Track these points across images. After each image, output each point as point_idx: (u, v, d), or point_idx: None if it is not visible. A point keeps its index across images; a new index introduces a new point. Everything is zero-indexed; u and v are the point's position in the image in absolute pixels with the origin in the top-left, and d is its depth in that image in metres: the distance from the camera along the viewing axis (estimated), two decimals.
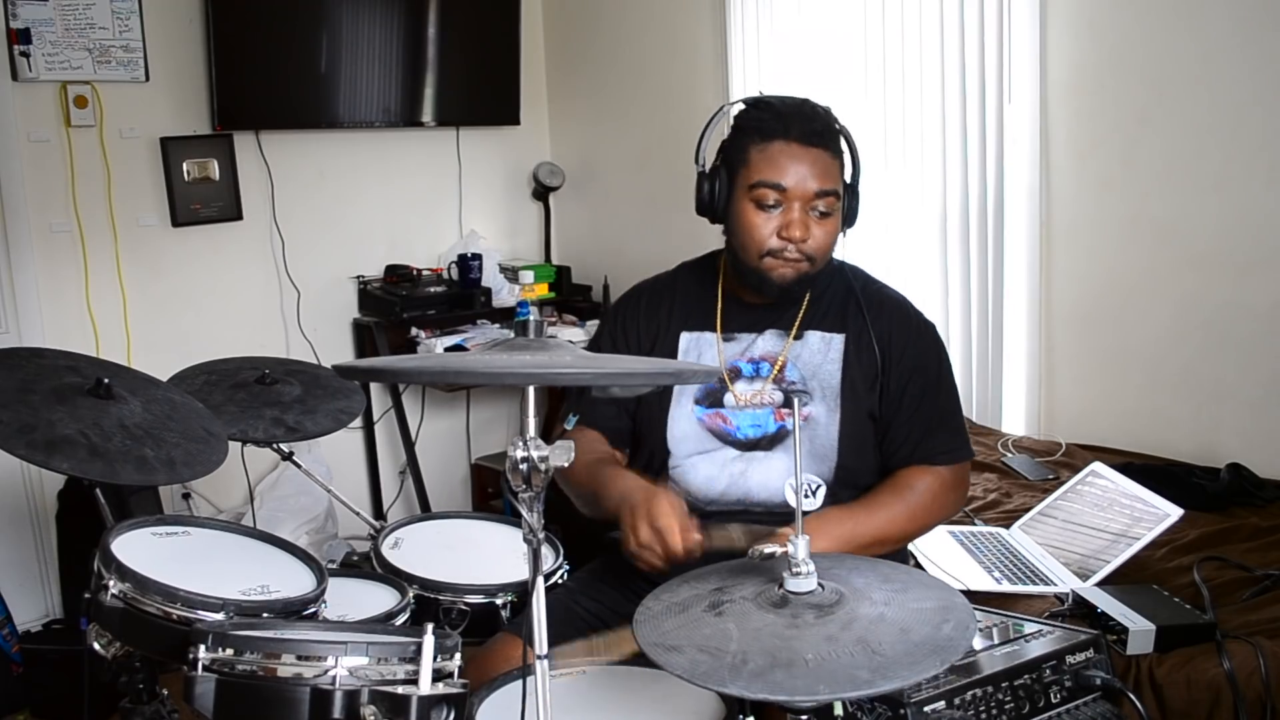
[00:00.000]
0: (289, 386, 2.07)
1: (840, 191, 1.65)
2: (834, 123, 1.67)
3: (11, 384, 1.58)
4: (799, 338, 1.72)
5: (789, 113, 1.63)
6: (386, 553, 1.89)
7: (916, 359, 1.71)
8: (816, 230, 1.64)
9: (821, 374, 1.70)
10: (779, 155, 1.62)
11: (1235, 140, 2.41)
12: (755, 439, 1.70)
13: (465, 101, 3.87)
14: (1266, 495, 2.27)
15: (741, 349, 1.73)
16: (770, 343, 1.73)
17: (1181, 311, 2.55)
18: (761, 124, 1.64)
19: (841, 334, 1.72)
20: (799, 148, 1.61)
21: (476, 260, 3.74)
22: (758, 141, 1.64)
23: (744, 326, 1.74)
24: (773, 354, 1.72)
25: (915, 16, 2.93)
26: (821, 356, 1.71)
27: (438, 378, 1.10)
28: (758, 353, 1.73)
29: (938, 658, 1.07)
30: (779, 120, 1.63)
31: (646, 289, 1.86)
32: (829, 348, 1.71)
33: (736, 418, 1.71)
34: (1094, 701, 1.42)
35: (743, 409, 1.70)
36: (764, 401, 1.70)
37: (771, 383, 1.71)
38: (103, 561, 1.45)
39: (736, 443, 1.70)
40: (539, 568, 1.11)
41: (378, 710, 1.19)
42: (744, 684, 1.05)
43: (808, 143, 1.62)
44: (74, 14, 3.07)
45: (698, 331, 1.76)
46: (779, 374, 1.71)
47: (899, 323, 1.73)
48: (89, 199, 3.19)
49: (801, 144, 1.62)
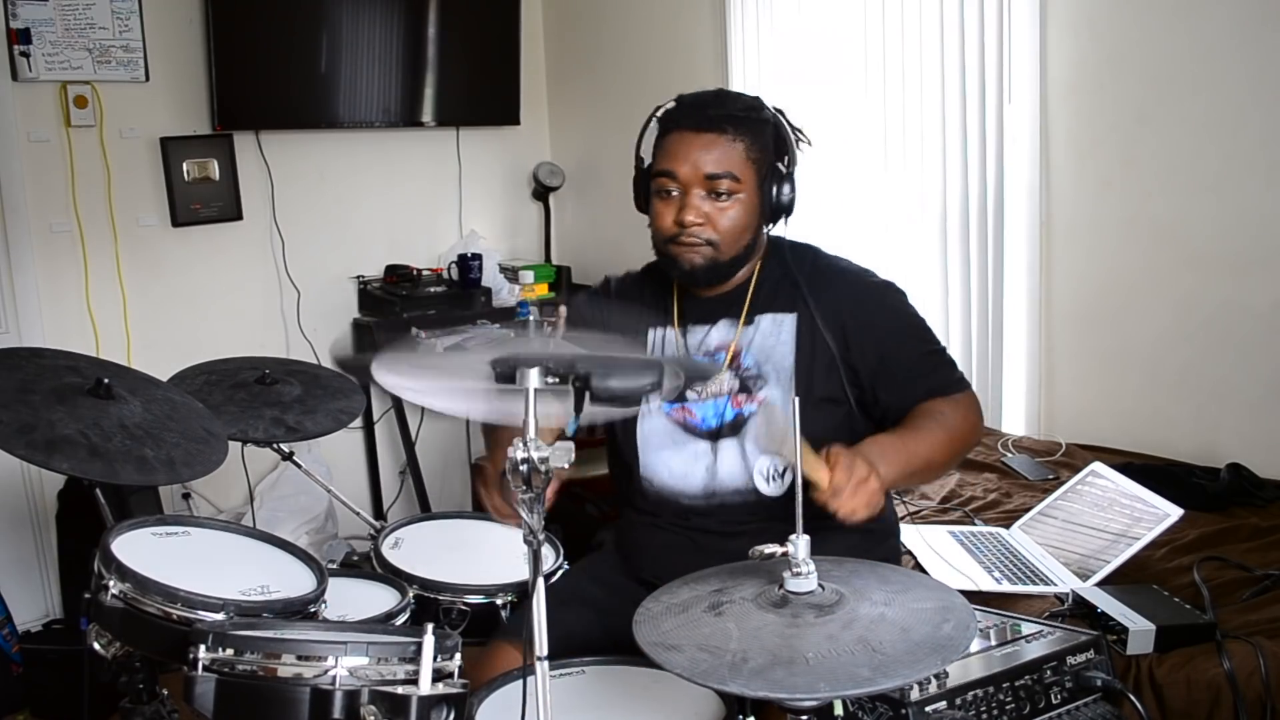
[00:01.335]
0: (289, 386, 2.07)
1: (740, 174, 1.64)
2: (747, 110, 1.67)
3: (11, 384, 1.59)
4: (749, 323, 1.72)
5: (689, 103, 1.68)
6: (386, 553, 1.89)
7: (882, 322, 1.69)
8: (717, 214, 1.65)
9: (775, 356, 1.69)
10: (673, 144, 1.66)
11: (1235, 140, 2.41)
12: (717, 428, 1.70)
13: (465, 101, 3.87)
14: (1266, 495, 2.26)
15: (697, 341, 1.75)
16: (724, 332, 1.73)
17: (1181, 311, 2.55)
18: (666, 118, 1.69)
19: (792, 314, 1.70)
20: (691, 134, 1.64)
21: (476, 260, 3.74)
22: (660, 135, 1.69)
23: (699, 319, 1.76)
24: (727, 342, 1.72)
25: (915, 16, 2.93)
26: (774, 339, 1.70)
27: None
28: (713, 344, 1.73)
29: (938, 656, 1.07)
30: (679, 112, 1.68)
31: (615, 285, 1.88)
32: (780, 329, 1.70)
33: (700, 409, 1.71)
34: (1094, 702, 1.42)
35: (704, 400, 1.71)
36: (720, 391, 1.70)
37: (728, 370, 1.71)
38: (103, 561, 1.46)
39: (701, 434, 1.71)
40: (539, 568, 1.12)
41: (378, 710, 1.19)
42: (744, 682, 1.05)
43: (700, 128, 1.64)
44: (74, 14, 3.07)
45: (661, 328, 1.78)
46: (734, 361, 1.71)
47: (851, 294, 1.71)
48: (89, 199, 3.19)
49: (694, 130, 1.64)
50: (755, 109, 1.68)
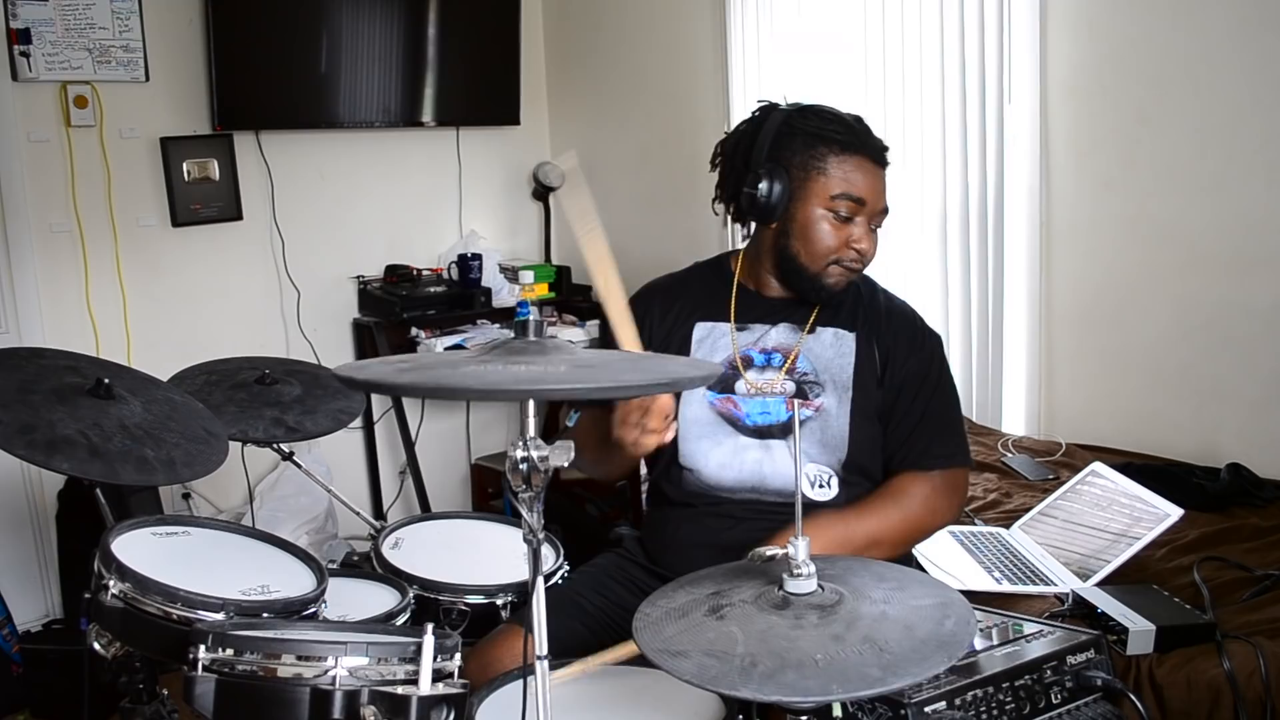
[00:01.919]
0: (289, 386, 2.07)
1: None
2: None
3: (11, 384, 1.58)
4: (812, 332, 1.76)
5: (860, 129, 1.71)
6: (386, 553, 1.89)
7: (917, 366, 1.75)
8: (873, 246, 1.72)
9: (834, 367, 1.74)
10: (859, 170, 1.69)
11: (1235, 140, 2.41)
12: (765, 426, 1.73)
13: (465, 101, 3.87)
14: (1266, 495, 2.26)
15: (754, 338, 1.77)
16: (784, 335, 1.77)
17: (1181, 311, 2.55)
18: (838, 138, 1.69)
19: (854, 332, 1.76)
20: (872, 165, 1.70)
21: (476, 260, 3.74)
22: (839, 153, 1.68)
23: (757, 318, 1.79)
24: (786, 346, 1.76)
25: (915, 17, 2.93)
26: (834, 351, 1.75)
27: (431, 394, 1.09)
28: (770, 344, 1.77)
29: (945, 653, 1.07)
30: (854, 135, 1.69)
31: (661, 286, 1.89)
32: (841, 343, 1.75)
33: (746, 404, 1.74)
34: (1094, 702, 1.41)
35: (753, 396, 1.74)
36: (775, 390, 1.73)
37: (784, 373, 1.74)
38: (103, 561, 1.45)
39: (745, 429, 1.73)
40: (539, 568, 1.11)
41: (378, 710, 1.19)
42: (757, 687, 1.04)
43: (879, 162, 1.71)
44: (74, 14, 3.07)
45: (712, 322, 1.80)
46: (792, 365, 1.74)
47: (903, 331, 1.78)
48: (89, 199, 3.19)
49: (874, 162, 1.70)
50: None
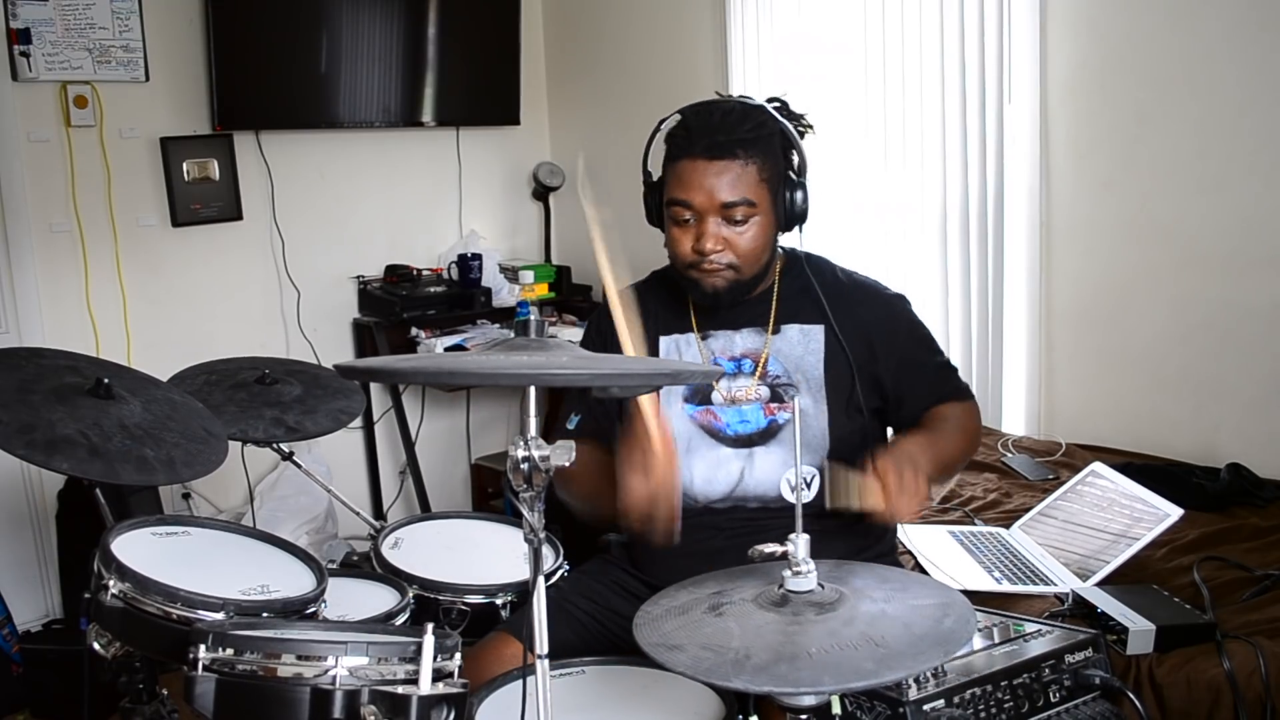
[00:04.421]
0: (289, 386, 2.07)
1: (755, 198, 1.64)
2: (755, 129, 1.65)
3: (11, 384, 1.59)
4: (777, 332, 1.73)
5: (696, 127, 1.65)
6: (386, 553, 1.89)
7: (903, 334, 1.76)
8: (735, 239, 1.65)
9: (805, 366, 1.71)
10: (686, 172, 1.65)
11: (1235, 140, 2.41)
12: (746, 435, 1.70)
13: (465, 101, 3.87)
14: (1266, 495, 2.26)
15: (721, 345, 1.75)
16: (749, 339, 1.74)
17: (1181, 311, 2.55)
18: (674, 141, 1.67)
19: (819, 325, 1.73)
20: (704, 162, 1.63)
21: (476, 260, 3.74)
22: (671, 159, 1.68)
23: (721, 324, 1.76)
24: (754, 350, 1.73)
25: (915, 17, 2.93)
26: (803, 348, 1.72)
27: (435, 378, 1.10)
28: (738, 350, 1.74)
29: (941, 649, 1.07)
30: (687, 137, 1.66)
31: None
32: (809, 339, 1.73)
33: (724, 414, 1.71)
34: (1093, 701, 1.42)
35: (729, 405, 1.71)
36: (750, 398, 1.71)
37: (757, 379, 1.72)
38: (103, 561, 1.46)
39: (726, 439, 1.71)
40: (539, 568, 1.12)
41: (378, 710, 1.19)
42: (748, 678, 1.04)
43: (712, 155, 1.63)
44: (74, 14, 3.07)
45: (675, 334, 1.77)
46: (763, 370, 1.72)
47: (873, 309, 1.76)
48: (89, 199, 3.19)
49: (706, 158, 1.63)
50: (761, 124, 1.66)
